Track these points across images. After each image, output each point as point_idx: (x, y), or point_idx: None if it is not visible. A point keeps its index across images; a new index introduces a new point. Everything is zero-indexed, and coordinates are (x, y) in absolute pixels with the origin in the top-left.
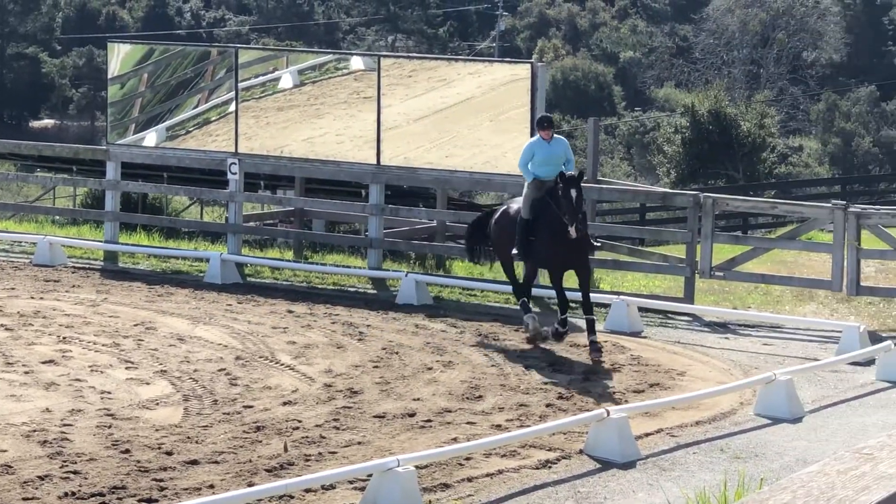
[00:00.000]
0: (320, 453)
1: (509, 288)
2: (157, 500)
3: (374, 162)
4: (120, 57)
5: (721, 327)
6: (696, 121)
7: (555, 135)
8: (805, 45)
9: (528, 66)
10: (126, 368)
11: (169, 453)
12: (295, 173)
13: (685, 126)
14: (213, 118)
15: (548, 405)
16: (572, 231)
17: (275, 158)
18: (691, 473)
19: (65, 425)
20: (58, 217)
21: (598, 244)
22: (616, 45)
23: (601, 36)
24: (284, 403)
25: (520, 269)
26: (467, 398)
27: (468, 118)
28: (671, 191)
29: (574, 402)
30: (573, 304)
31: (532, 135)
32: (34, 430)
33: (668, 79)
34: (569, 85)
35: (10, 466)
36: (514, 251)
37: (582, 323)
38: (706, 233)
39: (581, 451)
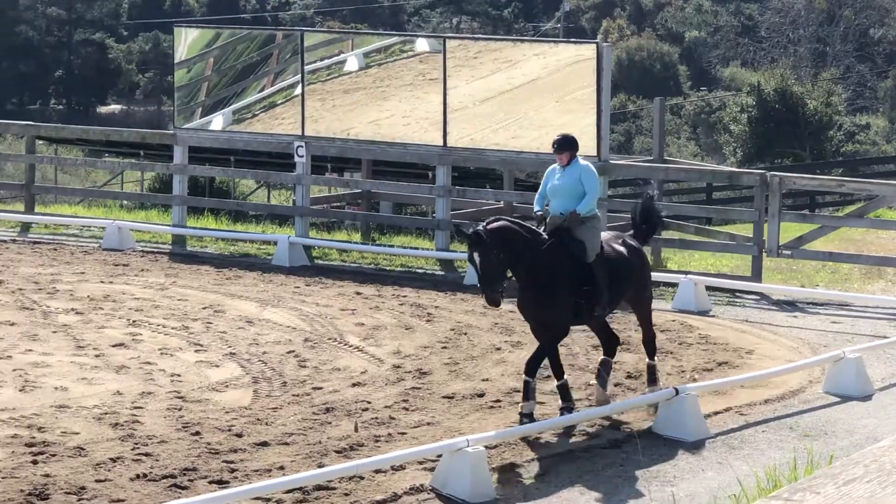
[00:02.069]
0: (390, 434)
1: None
2: (227, 482)
3: (441, 143)
4: (187, 41)
5: (789, 306)
6: (763, 100)
7: (578, 158)
8: (872, 22)
9: (594, 46)
10: (195, 351)
11: (239, 435)
12: (362, 156)
13: (751, 105)
14: (280, 101)
15: (616, 384)
16: (482, 299)
17: (341, 141)
18: (760, 452)
19: (135, 408)
20: (126, 202)
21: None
22: (681, 24)
23: (666, 15)
24: (353, 385)
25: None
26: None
27: (534, 99)
28: (738, 170)
29: (643, 380)
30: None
31: (598, 115)
32: (106, 413)
33: (734, 58)
34: (634, 65)
35: (83, 448)
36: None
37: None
38: (773, 211)
39: (650, 430)
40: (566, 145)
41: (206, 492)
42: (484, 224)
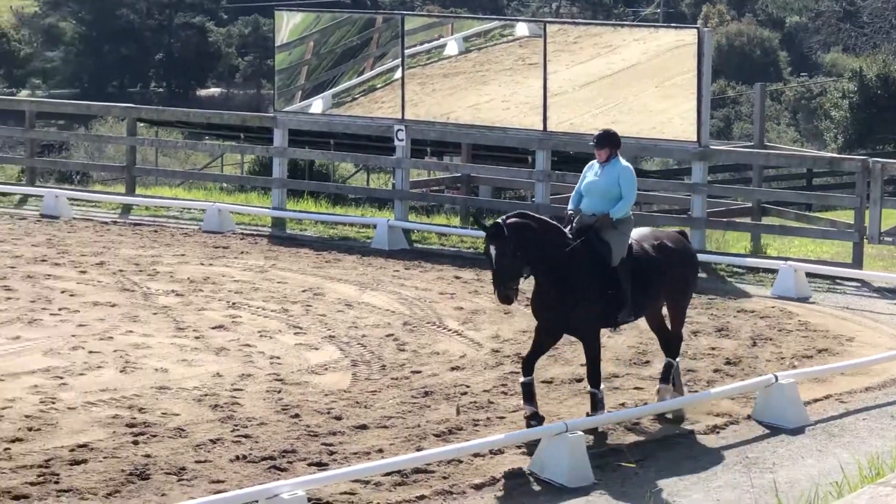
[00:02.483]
0: (488, 418)
1: None
2: (326, 465)
3: (541, 128)
4: (287, 25)
5: (891, 293)
6: (864, 85)
7: (619, 157)
8: None
9: (695, 31)
10: (295, 334)
11: (338, 418)
12: (461, 140)
13: (853, 91)
14: (379, 85)
15: (715, 370)
16: (496, 295)
17: (441, 125)
18: (861, 440)
19: (235, 390)
20: (226, 184)
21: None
22: (782, 9)
23: (766, 0)
24: (452, 369)
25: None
26: (635, 363)
27: (633, 84)
28: (839, 156)
29: (742, 367)
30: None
31: (699, 101)
32: (206, 395)
33: (835, 43)
34: (734, 51)
35: (183, 430)
36: None
37: (749, 287)
38: (875, 198)
39: (749, 417)
40: (606, 141)
41: (305, 474)
42: (504, 218)
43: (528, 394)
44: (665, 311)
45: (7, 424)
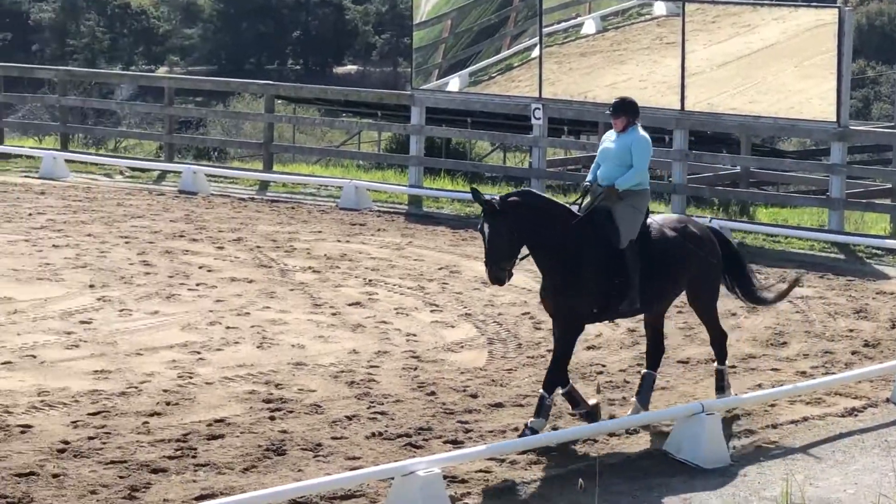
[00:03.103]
0: (624, 398)
1: (814, 235)
2: (462, 442)
3: (678, 108)
4: (426, 4)
5: None
6: None
7: (637, 126)
8: None
9: (835, 11)
10: (431, 311)
11: (474, 396)
12: (598, 118)
13: None
14: (516, 64)
15: (853, 352)
16: (486, 275)
17: (578, 104)
18: None
19: (371, 367)
20: (363, 162)
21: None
22: None
23: None
24: (588, 348)
25: None
26: (771, 344)
27: (772, 64)
28: None
29: (881, 349)
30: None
31: (839, 81)
32: (342, 371)
33: None
34: (874, 30)
35: (319, 406)
36: None
37: (888, 269)
38: None
39: (888, 400)
40: (621, 109)
41: (440, 451)
42: (505, 195)
43: (573, 400)
44: (690, 311)
45: (145, 398)
